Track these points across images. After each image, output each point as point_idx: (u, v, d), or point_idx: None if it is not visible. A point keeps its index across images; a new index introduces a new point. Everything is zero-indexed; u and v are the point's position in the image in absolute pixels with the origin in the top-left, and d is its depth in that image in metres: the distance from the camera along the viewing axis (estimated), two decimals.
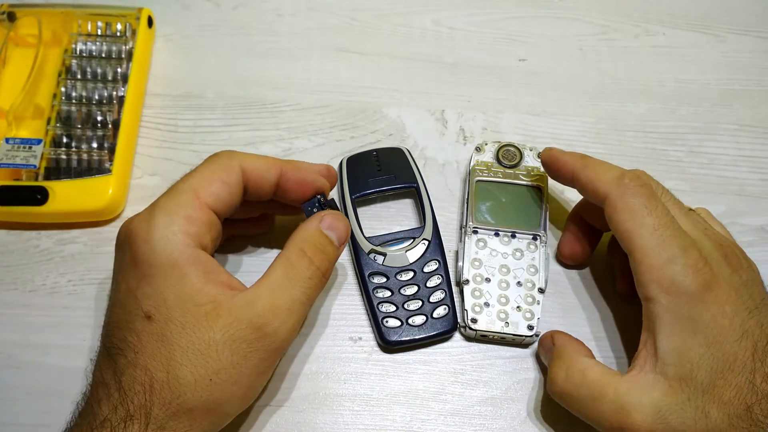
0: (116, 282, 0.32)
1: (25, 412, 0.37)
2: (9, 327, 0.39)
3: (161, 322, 0.30)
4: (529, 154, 0.42)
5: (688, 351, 0.31)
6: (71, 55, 0.45)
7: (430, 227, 0.40)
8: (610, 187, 0.34)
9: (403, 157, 0.43)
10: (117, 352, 0.30)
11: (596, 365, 0.33)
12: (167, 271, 0.30)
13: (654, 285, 0.32)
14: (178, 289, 0.30)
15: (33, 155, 0.42)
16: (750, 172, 0.46)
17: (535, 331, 0.38)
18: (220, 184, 0.33)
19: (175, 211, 0.31)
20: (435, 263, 0.39)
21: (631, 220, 0.33)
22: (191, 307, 0.30)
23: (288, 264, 0.32)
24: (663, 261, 0.32)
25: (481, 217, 0.40)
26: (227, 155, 0.34)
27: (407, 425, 0.37)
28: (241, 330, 0.30)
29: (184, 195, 0.32)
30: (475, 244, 0.40)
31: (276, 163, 0.35)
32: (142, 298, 0.30)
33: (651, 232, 0.32)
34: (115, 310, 0.31)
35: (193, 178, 0.33)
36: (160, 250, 0.30)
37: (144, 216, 0.32)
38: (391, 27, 0.51)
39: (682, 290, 0.31)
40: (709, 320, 0.31)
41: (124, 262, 0.32)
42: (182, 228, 0.31)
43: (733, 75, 0.50)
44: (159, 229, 0.30)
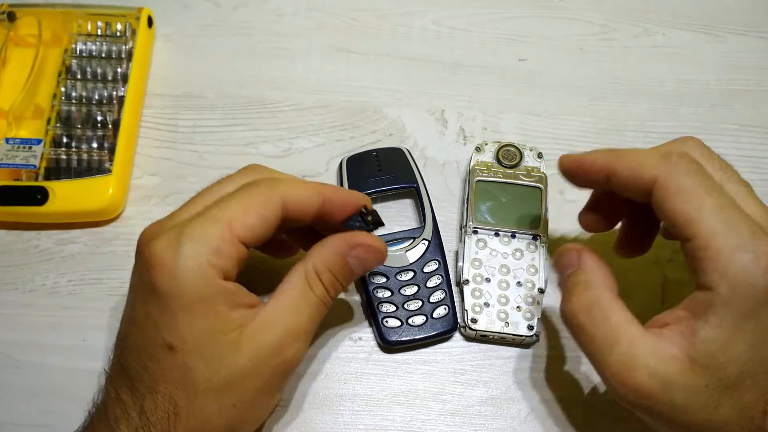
0: (134, 300, 0.30)
1: (24, 412, 0.37)
2: (9, 327, 0.39)
3: (185, 353, 0.29)
4: (529, 154, 0.42)
5: (731, 348, 0.28)
6: (71, 55, 0.45)
7: (430, 227, 0.40)
8: (658, 169, 0.30)
9: (403, 157, 0.43)
10: (136, 375, 0.29)
11: (622, 310, 0.31)
12: (193, 305, 0.29)
13: (718, 274, 0.28)
14: (204, 323, 0.29)
15: (33, 155, 0.42)
16: (750, 172, 0.45)
17: (535, 331, 0.38)
18: (257, 218, 0.30)
19: (205, 243, 0.29)
20: (435, 263, 0.39)
21: (688, 202, 0.29)
22: (218, 338, 0.29)
23: (305, 285, 0.31)
24: (731, 247, 0.28)
25: (481, 217, 0.41)
26: (269, 186, 0.31)
27: (407, 425, 0.37)
28: (265, 356, 0.30)
29: (217, 226, 0.30)
30: (475, 244, 0.40)
31: (317, 189, 0.33)
32: (165, 329, 0.29)
33: (715, 213, 0.28)
34: (133, 330, 0.30)
35: (230, 208, 0.30)
36: (186, 285, 0.29)
37: (170, 241, 0.29)
38: (391, 27, 0.51)
39: (750, 284, 0.27)
40: (765, 319, 0.28)
41: (143, 284, 0.30)
42: (211, 261, 0.29)
43: (733, 75, 0.50)
44: (186, 262, 0.29)
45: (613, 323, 0.30)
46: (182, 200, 0.43)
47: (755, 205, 0.31)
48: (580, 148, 0.46)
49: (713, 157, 0.32)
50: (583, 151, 0.45)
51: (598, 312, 0.30)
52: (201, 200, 0.32)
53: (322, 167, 0.45)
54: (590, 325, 0.30)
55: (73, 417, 0.37)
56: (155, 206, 0.43)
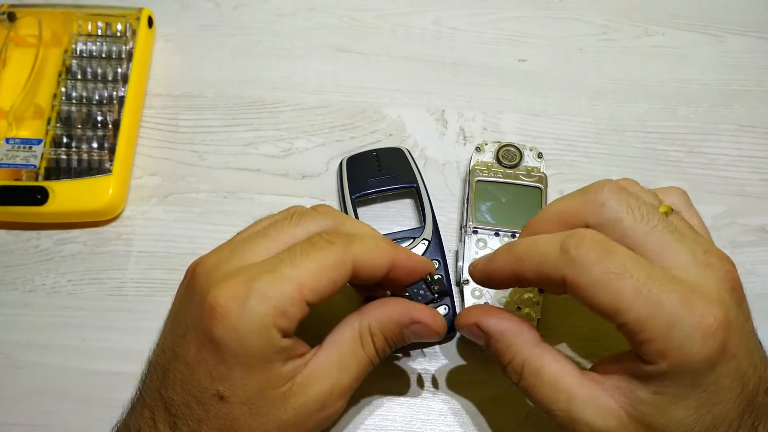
0: (184, 335, 0.29)
1: (24, 412, 0.37)
2: (9, 327, 0.39)
3: (235, 404, 0.28)
4: (529, 154, 0.42)
5: (670, 412, 0.27)
6: (71, 55, 0.45)
7: (430, 227, 0.40)
8: (562, 269, 0.28)
9: (403, 157, 0.43)
10: (178, 413, 0.29)
11: (551, 360, 0.29)
12: (251, 363, 0.28)
13: (656, 354, 0.26)
14: (258, 378, 0.28)
15: (33, 155, 0.42)
16: (750, 173, 0.46)
17: None
18: (328, 282, 0.29)
19: (274, 303, 0.28)
20: (435, 263, 0.39)
21: (605, 293, 0.27)
22: (270, 392, 0.29)
23: (358, 343, 0.31)
24: (664, 326, 0.26)
25: (481, 217, 0.41)
26: (344, 247, 0.30)
27: (407, 425, 0.37)
28: (309, 410, 0.30)
29: (288, 286, 0.28)
30: (475, 244, 0.40)
31: (389, 254, 0.31)
32: (218, 380, 0.28)
33: (636, 297, 0.26)
34: (181, 367, 0.29)
35: (304, 268, 0.29)
36: (248, 343, 0.28)
37: (237, 293, 0.28)
38: (391, 27, 0.51)
39: (689, 359, 0.26)
40: (711, 383, 0.26)
41: (201, 328, 0.28)
42: (276, 322, 0.28)
43: (732, 75, 0.50)
44: (252, 320, 0.27)
45: (548, 382, 0.29)
46: (182, 200, 0.43)
47: (685, 252, 0.28)
48: (580, 148, 0.46)
49: (632, 204, 0.29)
50: (583, 149, 0.45)
51: (530, 374, 0.29)
52: (268, 240, 0.31)
53: (322, 167, 0.45)
54: (528, 387, 0.30)
55: (73, 417, 0.37)
56: (155, 206, 0.43)
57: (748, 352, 0.27)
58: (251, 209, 0.43)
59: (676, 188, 0.33)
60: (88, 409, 0.37)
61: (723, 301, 0.27)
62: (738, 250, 0.43)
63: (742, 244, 0.43)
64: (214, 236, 0.41)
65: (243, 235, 0.32)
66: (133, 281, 0.41)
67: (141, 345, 0.32)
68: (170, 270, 0.41)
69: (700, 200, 0.41)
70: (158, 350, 0.31)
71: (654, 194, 0.32)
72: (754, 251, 0.36)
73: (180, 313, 0.30)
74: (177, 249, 0.42)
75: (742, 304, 0.28)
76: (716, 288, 0.27)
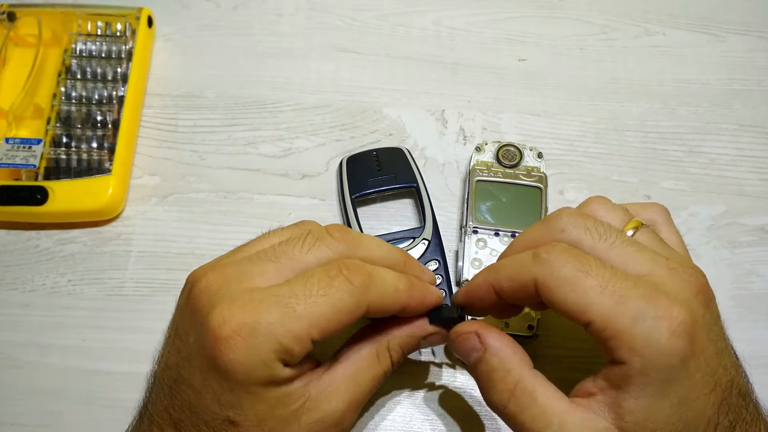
0: (188, 357, 0.28)
1: (24, 412, 0.37)
2: (9, 327, 0.39)
3: (247, 428, 0.28)
4: (529, 154, 0.42)
5: (656, 414, 0.27)
6: (71, 54, 0.45)
7: (430, 227, 0.40)
8: (533, 270, 0.29)
9: (403, 157, 0.43)
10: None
11: (545, 386, 0.29)
12: (257, 392, 0.28)
13: (625, 350, 0.27)
14: (268, 401, 0.28)
15: (33, 155, 0.42)
16: (750, 172, 0.46)
17: (535, 332, 0.38)
18: (336, 325, 0.28)
19: (280, 339, 0.27)
20: (435, 263, 0.39)
21: (572, 291, 0.28)
22: (281, 412, 0.28)
23: (375, 360, 0.31)
24: (629, 322, 0.27)
25: (481, 217, 0.41)
26: (362, 291, 0.29)
27: (407, 425, 0.37)
28: (325, 426, 0.29)
29: (297, 325, 0.27)
30: (475, 244, 0.40)
31: (405, 296, 0.31)
32: (227, 406, 0.28)
33: (601, 294, 0.27)
34: (188, 391, 0.28)
35: (316, 310, 0.28)
36: (254, 376, 0.27)
37: (242, 323, 0.27)
38: (391, 27, 0.51)
39: (659, 352, 0.27)
40: (684, 378, 0.27)
41: (204, 353, 0.27)
42: (281, 357, 0.27)
43: (733, 75, 0.50)
44: (257, 354, 0.27)
45: (540, 404, 0.29)
46: (182, 200, 0.43)
47: (646, 260, 0.29)
48: (580, 148, 0.46)
49: (590, 226, 0.30)
50: (583, 149, 0.46)
51: (522, 394, 0.29)
52: (278, 265, 0.29)
53: (322, 167, 0.45)
54: (518, 411, 0.29)
55: (73, 417, 0.37)
56: (155, 206, 0.43)
57: (717, 352, 0.28)
58: (251, 209, 0.43)
59: (656, 205, 0.34)
60: (88, 409, 0.37)
61: (686, 300, 0.28)
62: (738, 250, 0.43)
63: (742, 244, 0.43)
64: (214, 236, 0.41)
65: (249, 251, 0.31)
66: (132, 281, 0.41)
67: (141, 345, 0.32)
68: (170, 270, 0.41)
69: (700, 200, 0.41)
70: (162, 365, 0.30)
71: (624, 211, 0.32)
72: (754, 251, 0.36)
73: (181, 329, 0.30)
74: (177, 249, 0.42)
75: (710, 305, 0.29)
76: (679, 288, 0.28)
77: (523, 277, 0.29)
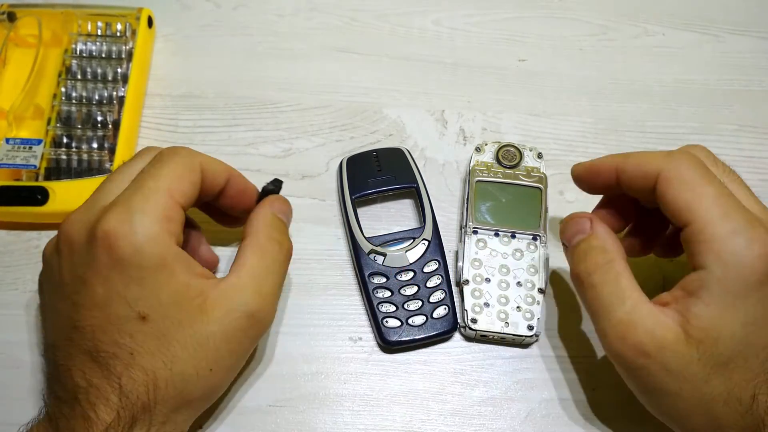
0: (84, 284, 0.30)
1: (24, 412, 0.37)
2: (9, 327, 0.39)
3: (157, 320, 0.30)
4: (528, 155, 0.42)
5: (721, 324, 0.29)
6: (71, 55, 0.45)
7: (430, 227, 0.40)
8: (661, 164, 0.32)
9: (403, 158, 0.43)
10: (107, 356, 0.29)
11: (631, 277, 0.32)
12: (157, 271, 0.30)
13: (712, 255, 0.30)
14: (170, 288, 0.30)
15: (33, 155, 0.42)
16: (750, 173, 0.46)
17: (535, 331, 0.38)
18: (189, 185, 0.32)
19: (155, 212, 0.30)
20: (435, 263, 0.39)
21: (689, 190, 0.31)
22: (185, 303, 0.30)
23: (261, 250, 0.33)
24: (727, 231, 0.29)
25: (481, 217, 0.41)
26: (189, 154, 0.34)
27: (407, 425, 0.37)
28: (236, 319, 0.31)
29: (160, 196, 0.31)
30: (475, 244, 0.40)
31: (227, 168, 0.35)
32: (133, 300, 0.30)
33: (712, 201, 0.30)
34: (93, 314, 0.30)
35: (165, 178, 0.32)
36: (148, 251, 0.30)
37: (120, 216, 0.30)
38: (391, 27, 0.51)
39: (741, 265, 0.29)
40: (758, 300, 0.29)
41: (100, 263, 0.30)
42: (164, 228, 0.30)
43: (733, 75, 0.50)
44: (144, 231, 0.30)
45: (623, 285, 0.32)
46: None
47: (755, 203, 0.32)
48: (580, 149, 0.46)
49: (718, 161, 0.34)
50: (583, 150, 0.46)
51: (611, 273, 0.32)
52: (117, 182, 0.33)
53: (322, 167, 0.45)
54: (602, 283, 0.32)
55: None
56: None
57: None
58: None
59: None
60: None
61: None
62: None
63: None
64: (214, 236, 0.41)
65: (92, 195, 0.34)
66: None
67: None
68: None
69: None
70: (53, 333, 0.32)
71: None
72: None
73: (58, 280, 0.31)
74: None
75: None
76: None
77: (650, 166, 0.32)
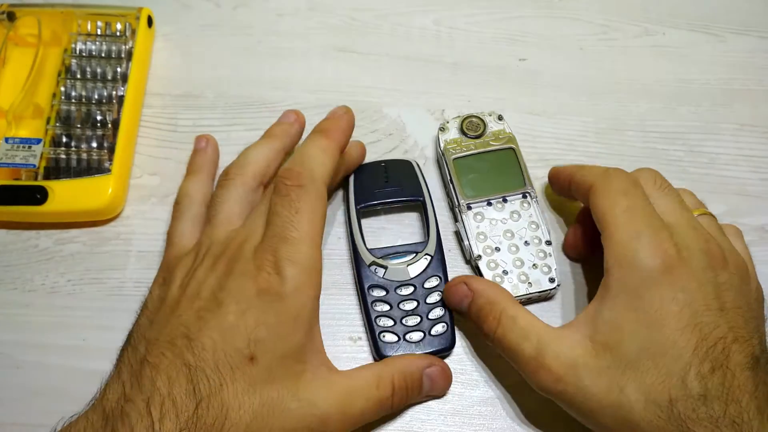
0: (219, 306, 0.31)
1: (24, 411, 0.37)
2: (8, 327, 0.39)
3: (260, 367, 0.30)
4: (490, 120, 0.43)
5: (623, 324, 0.31)
6: (71, 54, 0.45)
7: (434, 242, 0.40)
8: (596, 178, 0.36)
9: (411, 170, 0.42)
10: (200, 377, 0.29)
11: (526, 313, 0.34)
12: (290, 322, 0.31)
13: (613, 258, 0.32)
14: (289, 343, 0.31)
15: (32, 155, 0.42)
16: (750, 172, 0.46)
17: (557, 282, 0.38)
18: (323, 226, 0.35)
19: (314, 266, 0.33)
20: (436, 279, 0.39)
21: (607, 200, 0.34)
22: (290, 362, 0.31)
23: (374, 382, 0.33)
24: (628, 236, 0.32)
25: (470, 191, 0.41)
26: (319, 198, 0.34)
27: (407, 425, 0.37)
28: (309, 415, 0.31)
29: (317, 251, 0.33)
30: (474, 218, 0.40)
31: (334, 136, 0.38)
32: (255, 341, 0.30)
33: (623, 210, 0.33)
34: (212, 334, 0.30)
35: (314, 227, 0.33)
36: (292, 300, 0.31)
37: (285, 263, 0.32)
38: (391, 27, 0.51)
39: (637, 265, 0.31)
40: (656, 301, 0.31)
41: (245, 292, 0.31)
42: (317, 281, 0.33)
43: (733, 75, 0.50)
44: (293, 281, 0.32)
45: (522, 324, 0.33)
46: None
47: (680, 215, 0.34)
48: (580, 148, 0.46)
49: (659, 179, 0.36)
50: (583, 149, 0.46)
51: (506, 320, 0.34)
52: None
53: None
54: (503, 333, 0.34)
55: None
56: (155, 206, 0.43)
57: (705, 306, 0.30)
58: None
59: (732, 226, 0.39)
60: None
61: (687, 247, 0.32)
62: None
63: None
64: None
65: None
66: (132, 281, 0.40)
67: None
68: None
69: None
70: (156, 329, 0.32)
71: (700, 204, 0.38)
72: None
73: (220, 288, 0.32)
74: None
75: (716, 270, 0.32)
76: (688, 240, 0.32)
77: (587, 178, 0.36)
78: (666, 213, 0.34)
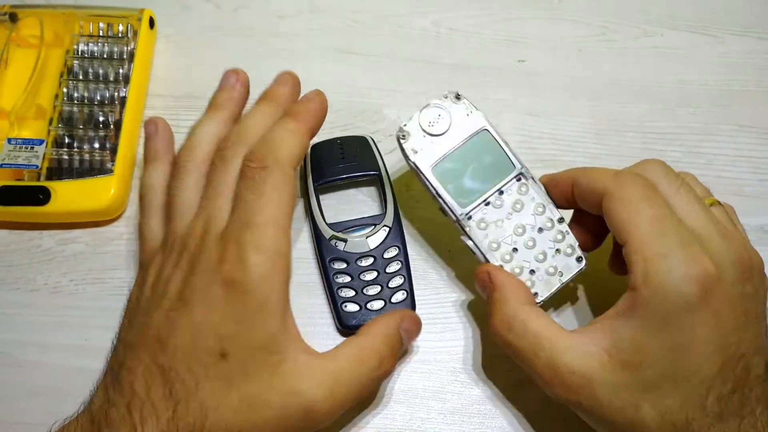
0: (186, 305, 0.31)
1: (26, 411, 0.37)
2: (10, 326, 0.39)
3: (233, 363, 0.30)
4: (449, 104, 0.38)
5: (647, 346, 0.29)
6: (73, 55, 0.46)
7: (391, 214, 0.41)
8: (609, 182, 0.32)
9: (366, 146, 0.43)
10: (176, 378, 0.29)
11: (538, 316, 0.32)
12: (258, 312, 0.30)
13: (641, 276, 0.29)
14: (260, 333, 0.30)
15: (35, 155, 0.42)
16: (748, 173, 0.46)
17: (585, 261, 0.36)
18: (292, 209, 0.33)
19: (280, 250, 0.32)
20: (395, 249, 0.40)
21: (627, 210, 0.31)
22: (263, 356, 0.30)
23: (359, 357, 0.33)
24: (657, 253, 0.29)
25: (463, 199, 0.36)
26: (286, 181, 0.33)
27: (407, 424, 0.37)
28: (293, 406, 0.30)
29: (284, 234, 0.32)
30: (478, 227, 0.36)
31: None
32: (224, 337, 0.30)
33: (649, 222, 0.30)
34: (183, 335, 0.30)
35: (281, 210, 0.32)
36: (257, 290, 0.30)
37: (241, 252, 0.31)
38: (391, 28, 0.51)
39: (668, 289, 0.29)
40: (686, 326, 0.29)
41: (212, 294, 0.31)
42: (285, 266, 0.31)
43: (732, 76, 0.50)
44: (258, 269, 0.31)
45: (534, 331, 0.32)
46: None
47: (705, 219, 0.32)
48: (579, 149, 0.46)
49: (671, 174, 0.34)
50: (582, 150, 0.46)
51: (518, 325, 0.32)
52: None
53: None
54: (514, 338, 0.32)
55: None
56: None
57: (736, 322, 0.29)
58: None
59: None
60: None
61: (721, 262, 0.29)
62: None
63: None
64: None
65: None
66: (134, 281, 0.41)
67: None
68: None
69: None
70: (133, 333, 0.32)
71: (707, 191, 0.36)
72: None
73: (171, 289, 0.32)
74: None
75: (747, 281, 0.30)
76: (720, 251, 0.30)
77: (598, 183, 0.33)
78: (688, 217, 0.31)
